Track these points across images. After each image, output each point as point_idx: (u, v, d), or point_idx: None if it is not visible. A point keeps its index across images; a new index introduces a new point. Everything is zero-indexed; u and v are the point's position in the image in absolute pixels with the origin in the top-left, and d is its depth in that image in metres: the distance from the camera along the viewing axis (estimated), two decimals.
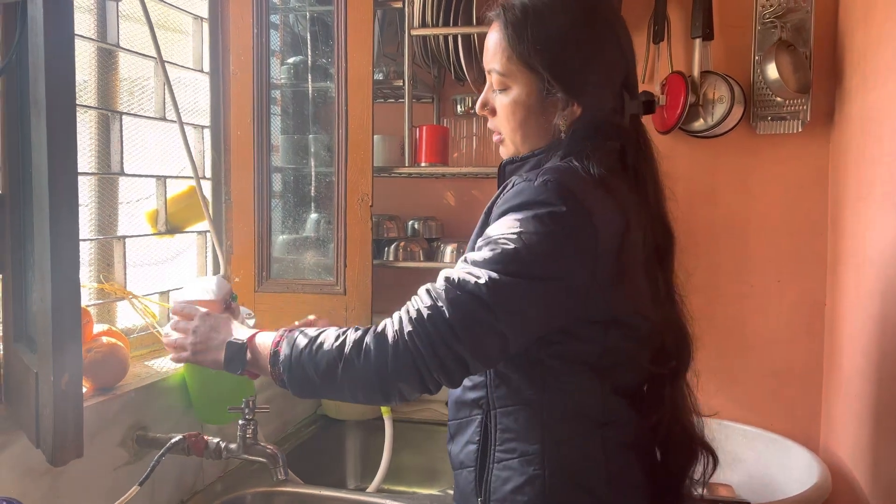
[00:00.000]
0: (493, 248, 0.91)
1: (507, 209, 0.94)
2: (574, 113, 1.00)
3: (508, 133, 1.06)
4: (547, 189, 0.92)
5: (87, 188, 1.43)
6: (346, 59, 1.65)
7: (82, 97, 1.40)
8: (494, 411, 1.00)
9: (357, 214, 1.68)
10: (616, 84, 1.02)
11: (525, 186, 0.94)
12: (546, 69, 0.99)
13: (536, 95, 1.01)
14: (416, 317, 0.89)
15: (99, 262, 1.46)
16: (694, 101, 1.80)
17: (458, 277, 0.90)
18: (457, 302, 0.88)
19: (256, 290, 1.74)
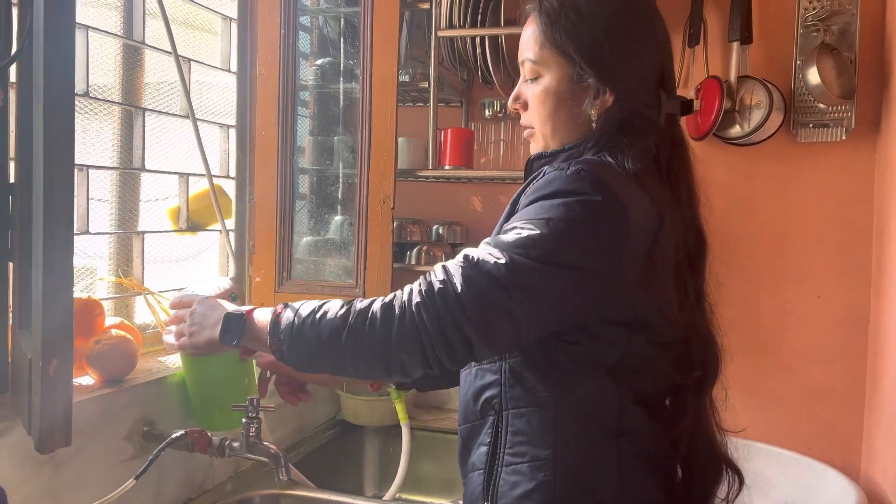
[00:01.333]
0: (518, 233, 0.87)
1: (536, 197, 0.90)
2: (606, 102, 0.96)
3: (538, 124, 1.02)
4: (580, 178, 0.88)
5: (108, 183, 1.44)
6: (370, 60, 1.64)
7: (107, 94, 1.42)
8: (507, 412, 0.96)
9: (378, 217, 1.66)
10: (651, 79, 0.99)
11: (557, 175, 0.90)
12: (578, 52, 0.96)
13: (568, 82, 0.98)
14: (426, 289, 0.86)
15: (118, 256, 1.47)
16: (730, 106, 1.73)
17: (477, 256, 0.86)
18: (472, 279, 0.84)
19: (277, 290, 1.73)
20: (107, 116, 1.43)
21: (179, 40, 1.58)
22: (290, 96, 1.71)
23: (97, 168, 1.36)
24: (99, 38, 1.37)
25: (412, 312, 0.86)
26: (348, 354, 0.91)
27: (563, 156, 0.99)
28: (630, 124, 0.96)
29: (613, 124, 0.96)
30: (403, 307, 0.87)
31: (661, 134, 0.98)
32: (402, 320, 0.86)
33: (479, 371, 1.01)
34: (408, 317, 0.86)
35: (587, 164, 0.91)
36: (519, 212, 0.93)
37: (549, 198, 0.89)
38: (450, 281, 0.85)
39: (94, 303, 1.25)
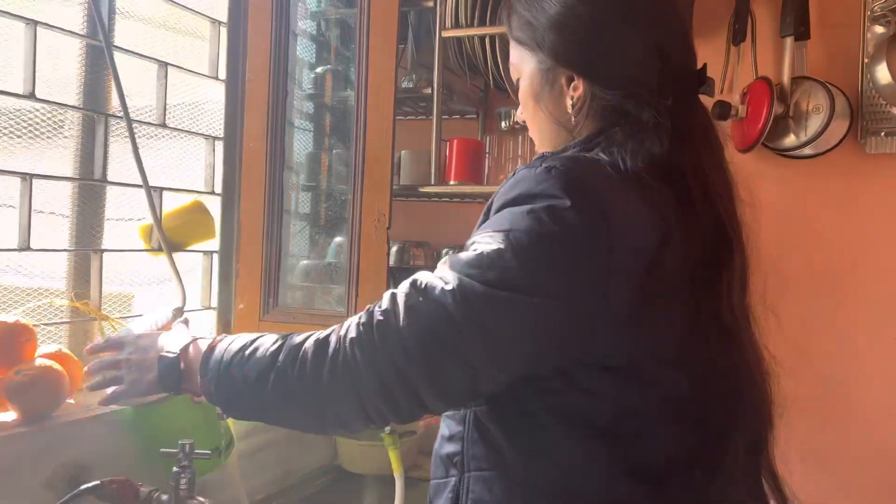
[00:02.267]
0: (474, 249, 0.71)
1: (501, 203, 0.74)
2: (577, 89, 0.82)
3: (530, 128, 0.91)
4: (549, 177, 0.72)
5: (62, 196, 1.31)
6: (366, 63, 1.47)
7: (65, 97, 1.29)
8: (468, 475, 0.77)
9: (372, 237, 1.47)
10: (641, 53, 0.80)
11: (525, 175, 0.74)
12: (532, 38, 0.84)
13: (537, 76, 0.86)
14: (365, 321, 0.71)
15: (76, 277, 1.32)
16: (782, 112, 1.48)
17: (425, 281, 0.71)
18: (416, 311, 0.69)
19: (261, 318, 1.55)
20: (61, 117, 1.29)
21: (160, 43, 1.46)
22: (280, 106, 1.55)
23: (43, 178, 1.22)
24: (58, 37, 1.24)
25: (346, 352, 0.70)
26: (275, 402, 0.75)
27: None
28: (621, 112, 0.79)
29: (596, 115, 0.82)
30: (338, 344, 0.70)
31: (671, 117, 0.79)
32: (335, 361, 0.70)
33: (445, 419, 0.84)
34: (340, 357, 0.70)
35: (562, 161, 0.74)
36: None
37: (513, 203, 0.73)
38: (393, 311, 0.70)
39: (22, 327, 1.09)
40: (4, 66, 1.19)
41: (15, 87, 1.17)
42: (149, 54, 1.40)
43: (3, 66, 1.19)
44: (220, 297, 1.60)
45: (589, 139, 0.81)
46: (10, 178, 1.17)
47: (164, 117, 1.44)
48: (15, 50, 1.17)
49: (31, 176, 1.19)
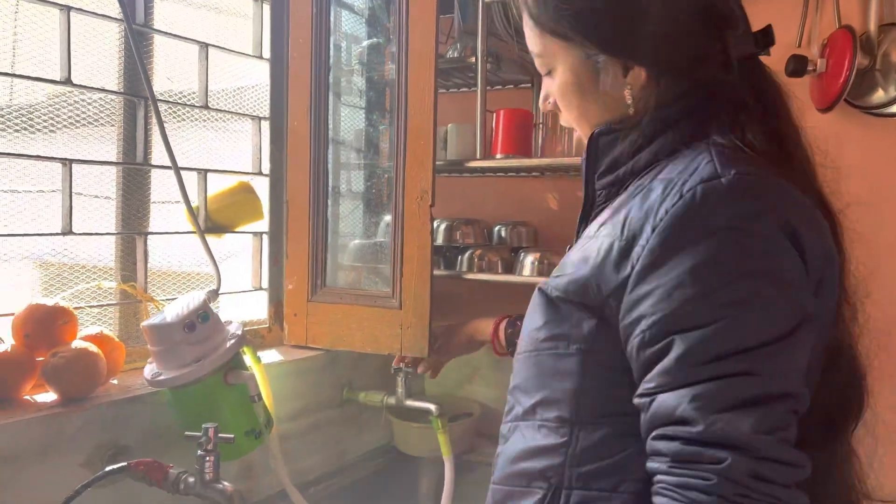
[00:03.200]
0: (704, 372, 0.64)
1: (681, 244, 0.66)
2: (639, 76, 0.76)
3: (575, 126, 0.86)
4: (749, 190, 0.67)
5: (108, 180, 1.33)
6: (407, 32, 1.41)
7: (105, 82, 1.31)
8: (570, 492, 0.73)
9: (416, 215, 1.42)
10: (693, 19, 0.74)
11: (706, 192, 0.66)
12: (575, 30, 0.77)
13: (582, 69, 0.79)
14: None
15: (123, 260, 1.34)
16: (868, 64, 1.32)
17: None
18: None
19: (310, 299, 1.54)
20: (105, 103, 1.31)
21: (199, 27, 1.46)
22: (322, 83, 1.52)
23: (83, 163, 1.24)
24: (94, 22, 1.26)
25: None
26: None
27: (640, 135, 0.76)
28: (688, 91, 0.74)
29: (658, 97, 0.75)
30: None
31: (750, 91, 0.75)
32: None
33: (530, 428, 0.78)
34: None
35: (739, 164, 0.68)
36: (644, 265, 0.67)
37: (712, 253, 0.65)
38: None
39: (61, 310, 1.11)
40: (46, 54, 1.21)
41: (54, 74, 1.19)
42: (192, 36, 1.40)
43: (44, 54, 1.21)
44: (270, 278, 1.60)
45: (661, 119, 0.75)
46: (53, 164, 1.19)
47: (206, 99, 1.44)
48: (51, 36, 1.18)
49: (71, 161, 1.21)
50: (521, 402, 0.79)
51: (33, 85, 1.21)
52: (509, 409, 0.82)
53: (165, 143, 1.15)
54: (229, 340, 1.15)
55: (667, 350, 0.64)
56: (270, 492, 1.39)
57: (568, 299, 0.74)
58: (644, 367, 0.67)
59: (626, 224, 0.70)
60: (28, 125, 1.22)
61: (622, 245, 0.69)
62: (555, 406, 0.75)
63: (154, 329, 1.10)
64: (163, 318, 1.11)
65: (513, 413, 0.80)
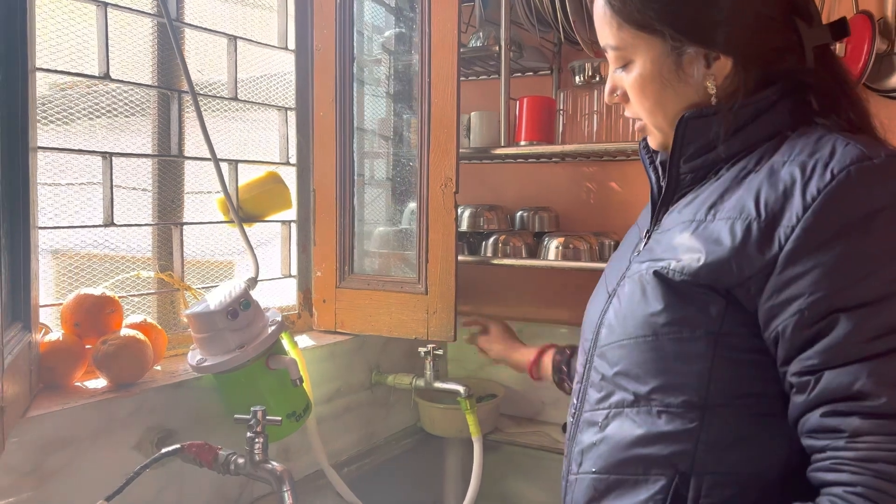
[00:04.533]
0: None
1: (844, 227, 0.67)
2: (724, 67, 0.77)
3: (647, 117, 0.85)
4: (894, 171, 0.68)
5: (144, 172, 1.36)
6: (429, 22, 1.44)
7: (140, 76, 1.34)
8: (701, 477, 0.74)
9: (440, 202, 1.45)
10: (778, 13, 0.77)
11: (863, 172, 0.68)
12: (662, 21, 0.77)
13: (664, 60, 0.80)
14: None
15: (160, 250, 1.38)
16: (886, 48, 1.34)
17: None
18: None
19: (338, 285, 1.58)
20: (139, 97, 1.34)
21: (229, 20, 1.48)
22: (346, 72, 1.55)
23: (122, 156, 1.27)
24: (129, 17, 1.28)
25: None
26: None
27: (731, 121, 0.78)
28: (789, 78, 0.77)
29: (740, 86, 0.77)
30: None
31: (825, 80, 0.78)
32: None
33: (654, 411, 0.77)
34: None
35: (883, 146, 0.71)
36: (782, 255, 0.68)
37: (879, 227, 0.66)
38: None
39: (107, 299, 1.16)
40: (81, 48, 1.24)
41: (91, 68, 1.22)
42: (220, 29, 1.43)
43: (79, 48, 1.24)
44: (299, 266, 1.64)
45: (752, 105, 0.77)
46: (92, 157, 1.23)
47: (235, 91, 1.47)
48: (88, 32, 1.21)
49: (112, 154, 1.24)
50: (626, 388, 0.78)
51: (66, 77, 1.24)
52: (604, 395, 0.81)
53: (206, 136, 1.18)
54: (270, 327, 1.19)
55: (830, 327, 0.65)
56: (307, 472, 1.44)
57: (696, 283, 0.73)
58: (800, 346, 0.67)
59: (762, 204, 0.70)
60: (67, 117, 1.25)
61: (763, 226, 0.69)
62: (679, 391, 0.74)
63: (198, 317, 1.14)
64: (206, 307, 1.15)
65: (612, 400, 0.80)
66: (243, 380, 1.16)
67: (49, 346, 1.08)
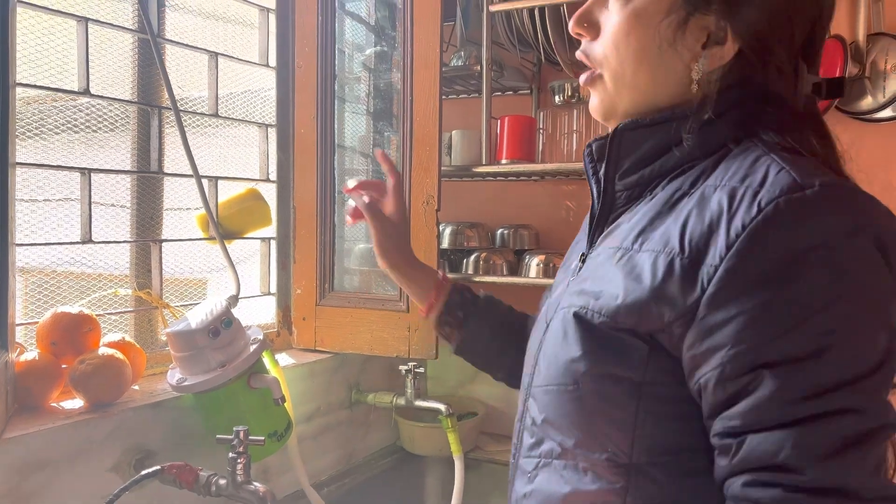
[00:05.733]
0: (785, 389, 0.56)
1: (767, 273, 0.58)
2: (725, 54, 0.66)
3: (613, 64, 0.70)
4: (848, 202, 0.60)
5: (122, 188, 1.34)
6: (411, 40, 1.45)
7: (119, 91, 1.32)
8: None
9: (422, 220, 1.46)
10: (799, 39, 0.67)
11: (790, 204, 0.58)
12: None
13: (671, 10, 0.66)
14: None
15: (138, 267, 1.36)
16: (858, 72, 1.38)
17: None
18: None
19: (318, 303, 1.57)
20: (120, 112, 1.33)
21: (209, 36, 1.48)
22: (328, 90, 1.55)
23: (102, 172, 1.26)
24: (109, 33, 1.27)
25: None
26: None
27: (670, 130, 0.68)
28: (764, 96, 0.66)
29: (732, 89, 0.66)
30: None
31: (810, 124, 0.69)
32: None
33: (579, 467, 0.69)
34: None
35: (818, 173, 0.60)
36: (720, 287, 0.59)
37: (802, 270, 0.57)
38: None
39: (85, 317, 1.13)
40: (60, 63, 1.23)
41: (70, 83, 1.20)
42: (199, 45, 1.42)
43: (58, 63, 1.23)
44: (278, 283, 1.62)
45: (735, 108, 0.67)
46: (70, 173, 1.21)
47: (216, 107, 1.46)
48: (68, 47, 1.20)
49: (90, 171, 1.22)
50: (553, 438, 0.71)
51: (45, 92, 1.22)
52: (535, 442, 0.73)
53: (188, 153, 1.17)
54: (252, 345, 1.17)
55: (755, 385, 0.57)
56: (287, 492, 1.42)
57: (616, 326, 0.65)
58: (723, 404, 0.60)
59: (686, 237, 0.62)
60: (44, 132, 1.23)
61: (685, 263, 0.61)
62: (604, 446, 0.66)
63: (179, 336, 1.12)
64: (187, 325, 1.13)
65: (542, 448, 0.72)
66: (224, 399, 1.15)
67: (25, 365, 1.05)
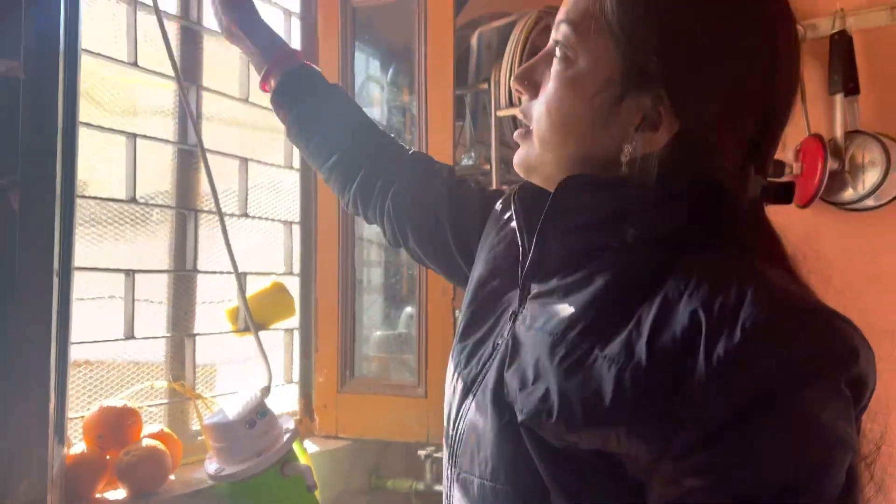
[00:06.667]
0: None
1: (744, 405, 0.52)
2: (657, 141, 0.60)
3: (543, 128, 0.64)
4: (808, 336, 0.54)
5: (162, 286, 1.43)
6: (426, 144, 1.58)
7: (163, 200, 1.44)
8: None
9: (439, 309, 1.55)
10: (742, 132, 0.61)
11: (773, 331, 0.53)
12: (636, 37, 0.60)
13: (609, 84, 0.61)
14: None
15: (173, 360, 1.44)
16: (838, 167, 1.50)
17: None
18: None
19: (339, 391, 1.64)
20: (159, 217, 1.43)
21: (238, 142, 1.61)
22: None
23: (144, 272, 1.35)
24: (154, 145, 1.39)
25: None
26: None
27: (615, 198, 0.62)
28: (714, 191, 0.60)
29: (678, 179, 0.61)
30: None
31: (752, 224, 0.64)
32: None
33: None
34: None
35: (796, 297, 0.57)
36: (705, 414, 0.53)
37: (778, 405, 0.52)
38: None
39: (129, 411, 1.20)
40: (107, 171, 1.34)
41: (118, 185, 1.31)
42: (230, 150, 1.55)
43: (106, 171, 1.34)
44: (301, 372, 1.70)
45: (671, 193, 0.61)
46: (113, 273, 1.30)
47: (245, 207, 1.57)
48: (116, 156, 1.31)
49: (134, 272, 1.32)
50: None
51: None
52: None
53: (230, 254, 1.27)
54: (284, 434, 1.24)
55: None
56: None
57: (577, 449, 0.58)
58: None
59: (656, 354, 0.55)
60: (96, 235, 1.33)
61: (657, 386, 0.54)
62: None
63: (218, 427, 1.18)
64: (224, 417, 1.20)
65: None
66: (259, 487, 1.20)
67: (74, 458, 1.11)
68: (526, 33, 1.61)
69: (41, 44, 0.83)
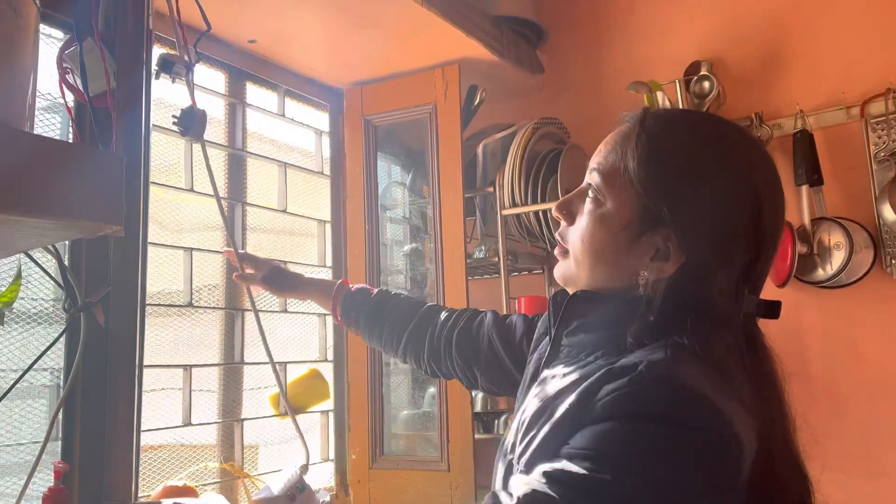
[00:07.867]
0: (592, 471, 0.65)
1: (612, 414, 0.68)
2: (667, 270, 0.76)
3: (579, 251, 0.81)
4: (676, 393, 0.67)
5: (214, 377, 1.65)
6: (441, 241, 1.80)
7: (214, 292, 1.67)
8: None
9: (457, 389, 1.73)
10: (736, 262, 0.75)
11: (639, 386, 0.68)
12: (651, 192, 0.76)
13: (629, 222, 0.78)
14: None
15: (223, 443, 1.64)
16: (807, 250, 1.68)
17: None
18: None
19: (371, 467, 1.81)
20: (211, 316, 1.66)
21: (279, 246, 1.85)
22: (374, 281, 1.89)
23: (200, 366, 1.57)
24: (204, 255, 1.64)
25: None
26: None
27: (611, 306, 0.79)
28: (701, 308, 0.74)
29: (672, 299, 0.75)
30: None
31: (742, 333, 0.76)
32: None
33: None
34: None
35: (675, 366, 0.70)
36: (589, 424, 0.68)
37: (631, 420, 0.67)
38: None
39: (189, 489, 1.40)
40: (171, 279, 1.58)
41: (179, 299, 1.55)
42: (271, 254, 1.78)
43: (169, 280, 1.58)
44: (336, 450, 1.88)
45: (660, 311, 0.74)
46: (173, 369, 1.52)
47: (285, 303, 1.79)
48: (176, 268, 1.55)
49: (191, 366, 1.54)
50: None
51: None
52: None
53: (267, 351, 1.48)
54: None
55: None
56: None
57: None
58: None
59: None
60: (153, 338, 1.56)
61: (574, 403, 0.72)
62: None
63: (263, 502, 1.37)
64: (269, 493, 1.39)
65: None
66: None
67: None
68: (524, 142, 1.84)
69: (131, 206, 1.07)
